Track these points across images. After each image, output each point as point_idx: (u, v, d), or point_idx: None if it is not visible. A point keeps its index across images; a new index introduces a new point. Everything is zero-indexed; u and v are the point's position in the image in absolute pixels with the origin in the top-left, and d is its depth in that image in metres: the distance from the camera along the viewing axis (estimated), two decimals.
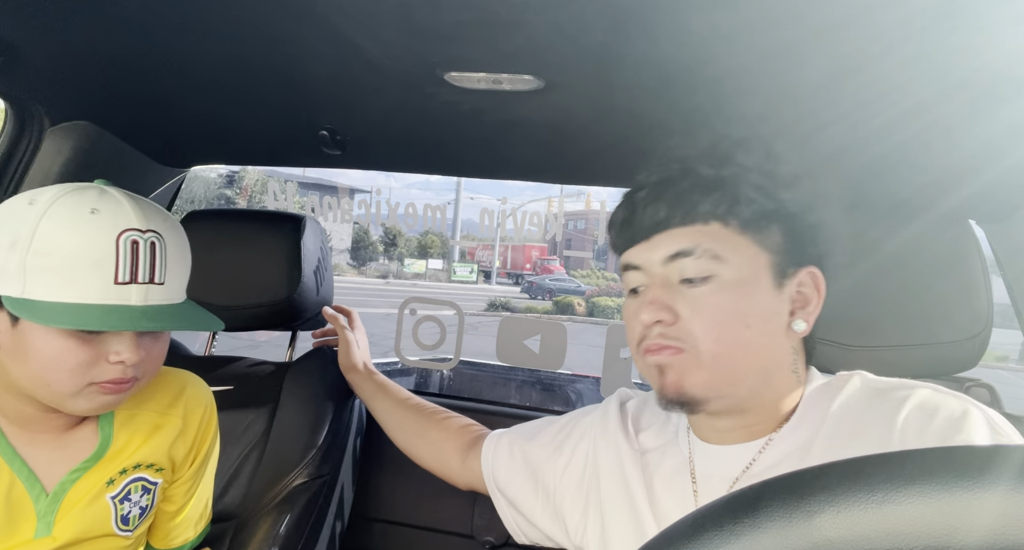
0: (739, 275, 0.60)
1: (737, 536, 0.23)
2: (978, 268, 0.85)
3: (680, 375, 0.61)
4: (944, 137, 0.81)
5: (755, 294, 0.60)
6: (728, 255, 0.60)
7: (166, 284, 0.64)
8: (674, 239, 0.61)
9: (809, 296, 0.62)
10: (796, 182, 0.62)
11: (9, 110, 1.02)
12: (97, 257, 0.60)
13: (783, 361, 0.63)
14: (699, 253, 0.60)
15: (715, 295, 0.60)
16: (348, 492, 1.21)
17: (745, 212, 0.60)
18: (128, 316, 0.61)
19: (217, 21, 0.72)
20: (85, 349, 0.62)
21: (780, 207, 0.61)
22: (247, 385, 1.17)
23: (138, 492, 0.74)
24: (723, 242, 0.60)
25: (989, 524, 0.21)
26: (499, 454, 0.88)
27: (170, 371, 0.81)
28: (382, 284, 20.39)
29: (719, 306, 0.59)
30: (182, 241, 0.68)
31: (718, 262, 0.60)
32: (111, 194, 0.63)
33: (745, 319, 0.59)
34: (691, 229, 0.61)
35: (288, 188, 1.63)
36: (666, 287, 0.62)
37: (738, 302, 0.59)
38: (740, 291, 0.60)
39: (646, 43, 0.67)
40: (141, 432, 0.75)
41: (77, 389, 0.63)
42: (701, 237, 0.60)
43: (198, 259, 1.22)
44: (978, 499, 0.21)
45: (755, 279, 0.60)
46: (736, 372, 0.60)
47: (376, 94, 0.89)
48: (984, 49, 0.61)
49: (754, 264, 0.60)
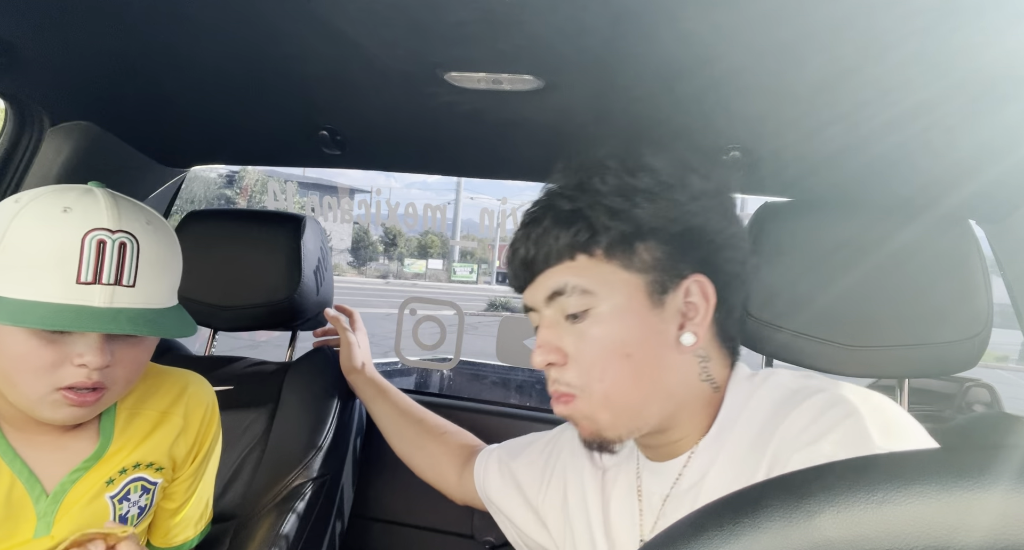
0: (613, 304, 0.60)
1: (737, 536, 0.23)
2: (978, 268, 0.85)
3: (586, 421, 0.62)
4: (944, 137, 0.81)
5: (632, 320, 0.60)
6: (597, 287, 0.60)
7: (137, 287, 0.61)
8: (548, 279, 0.62)
9: (698, 305, 0.61)
10: (660, 193, 0.60)
11: (9, 110, 1.02)
12: (60, 255, 0.58)
13: (685, 376, 0.62)
14: (569, 291, 0.60)
15: (594, 328, 0.60)
16: (348, 492, 1.21)
17: (604, 240, 0.60)
18: (87, 317, 0.58)
19: (217, 21, 0.72)
20: (49, 350, 0.60)
21: (642, 225, 0.60)
22: (247, 385, 1.17)
23: (137, 492, 0.74)
24: (590, 274, 0.60)
25: (989, 524, 0.21)
26: (490, 471, 0.89)
27: (173, 371, 0.81)
28: (382, 284, 20.39)
29: (599, 339, 0.60)
30: (164, 245, 0.65)
31: (590, 296, 0.60)
32: (94, 194, 0.62)
33: (625, 349, 0.59)
34: (560, 267, 0.61)
35: (288, 188, 1.63)
36: (553, 327, 0.63)
37: (616, 332, 0.60)
38: (617, 320, 0.60)
39: (646, 43, 0.67)
40: (142, 431, 0.75)
41: (42, 393, 0.62)
42: (569, 274, 0.61)
43: (198, 259, 1.23)
44: (978, 499, 0.21)
45: (629, 305, 0.60)
46: (633, 404, 0.60)
47: (376, 94, 0.89)
48: (985, 49, 0.61)
49: (626, 289, 0.60)
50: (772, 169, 0.99)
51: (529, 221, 0.65)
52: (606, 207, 0.60)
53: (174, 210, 1.48)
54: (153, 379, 0.78)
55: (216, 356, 1.30)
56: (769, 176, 1.02)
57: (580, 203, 0.61)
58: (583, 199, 0.61)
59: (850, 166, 0.94)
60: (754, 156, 0.94)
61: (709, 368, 0.63)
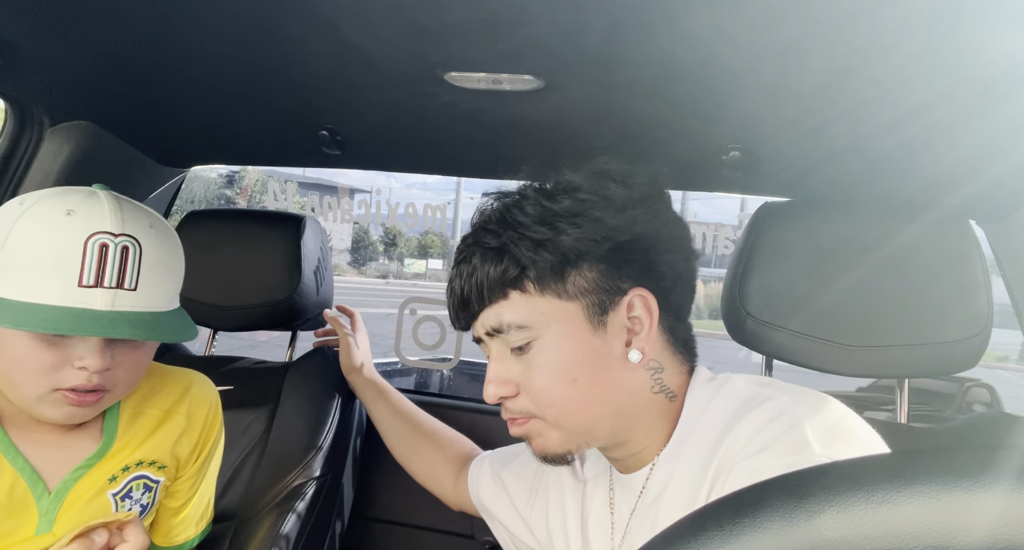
0: (553, 334, 0.60)
1: (737, 536, 0.23)
2: (978, 268, 0.85)
3: (538, 440, 0.63)
4: (944, 137, 0.81)
5: (573, 346, 0.60)
6: (534, 321, 0.60)
7: (139, 291, 0.62)
8: (486, 317, 0.63)
9: (642, 319, 0.61)
10: (582, 213, 0.60)
11: (9, 110, 1.02)
12: (61, 258, 0.58)
13: (636, 391, 0.62)
14: (506, 328, 0.61)
15: (538, 358, 0.60)
16: (348, 492, 1.21)
17: (533, 273, 0.60)
18: (87, 320, 0.58)
19: (217, 21, 0.72)
20: (50, 352, 0.61)
21: (568, 252, 0.59)
22: (247, 385, 1.17)
23: (139, 490, 0.74)
24: (525, 309, 0.60)
25: (989, 524, 0.21)
26: (483, 478, 0.89)
27: (177, 370, 0.81)
28: (382, 284, 20.39)
29: (542, 368, 0.60)
30: (166, 249, 0.65)
31: (527, 330, 0.60)
32: (97, 197, 0.62)
33: (569, 374, 0.60)
34: (495, 306, 0.62)
35: (288, 188, 1.63)
36: (500, 359, 0.63)
37: (559, 359, 0.60)
38: (557, 349, 0.60)
39: (646, 43, 0.67)
40: (145, 430, 0.75)
41: (42, 393, 0.62)
42: (505, 311, 0.61)
43: (198, 259, 1.23)
44: (978, 499, 0.21)
45: (569, 332, 0.60)
46: (583, 423, 0.61)
47: (376, 94, 0.89)
48: (986, 48, 0.60)
49: (564, 317, 0.60)
50: (772, 169, 0.99)
51: (460, 259, 0.65)
52: (530, 240, 0.60)
53: (174, 210, 1.48)
54: (157, 378, 0.78)
55: (216, 356, 1.30)
56: (769, 176, 1.02)
57: (504, 238, 0.61)
58: (506, 234, 0.61)
59: (850, 166, 0.94)
60: (754, 156, 0.94)
61: (663, 379, 0.62)
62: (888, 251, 0.86)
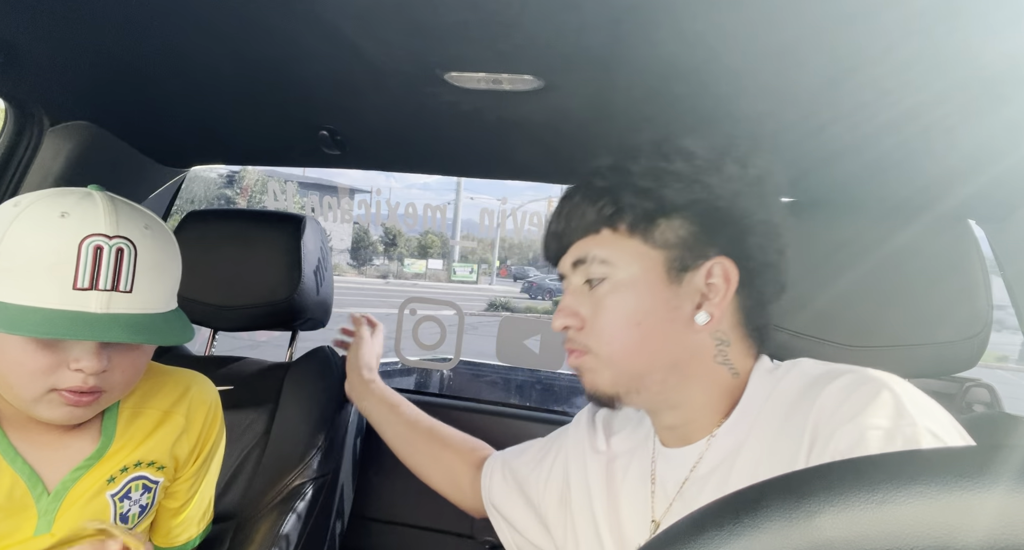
0: (628, 275, 0.63)
1: (737, 536, 0.23)
2: (978, 268, 0.85)
3: (590, 375, 0.65)
4: (944, 137, 0.81)
5: (646, 292, 0.62)
6: (616, 258, 0.63)
7: (134, 293, 0.61)
8: (575, 249, 0.67)
9: (719, 286, 0.62)
10: (691, 175, 0.62)
11: (9, 110, 1.02)
12: (56, 261, 0.58)
13: (697, 354, 0.63)
14: (590, 260, 0.64)
15: (609, 296, 0.63)
16: (348, 492, 1.22)
17: (628, 216, 0.63)
18: (82, 324, 0.58)
19: (217, 21, 0.72)
20: (45, 354, 0.60)
21: (667, 203, 0.62)
22: (247, 385, 1.17)
23: (138, 490, 0.74)
24: (611, 247, 0.64)
25: (989, 524, 0.21)
26: (494, 476, 0.89)
27: (177, 371, 0.81)
28: (382, 284, 20.39)
29: (612, 307, 0.63)
30: (162, 250, 0.65)
31: (608, 266, 0.63)
32: (93, 199, 0.62)
33: (635, 317, 0.62)
34: (586, 239, 0.66)
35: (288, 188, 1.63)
36: (575, 293, 0.67)
37: (628, 301, 0.63)
38: (630, 290, 0.63)
39: (646, 43, 0.67)
40: (144, 430, 0.75)
41: (38, 395, 0.62)
42: (592, 245, 0.65)
43: (198, 259, 1.23)
44: (978, 499, 0.21)
45: (645, 277, 0.62)
46: (635, 368, 0.63)
47: (376, 94, 0.89)
48: (984, 49, 0.61)
49: (643, 263, 0.63)
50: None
51: (564, 197, 0.69)
52: (634, 186, 0.63)
53: (174, 210, 1.48)
54: (156, 378, 0.78)
55: (216, 356, 1.30)
56: None
57: (610, 181, 0.65)
58: (613, 178, 0.65)
59: (850, 166, 0.94)
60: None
61: (728, 352, 0.63)
62: (888, 251, 0.86)
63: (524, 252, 34.23)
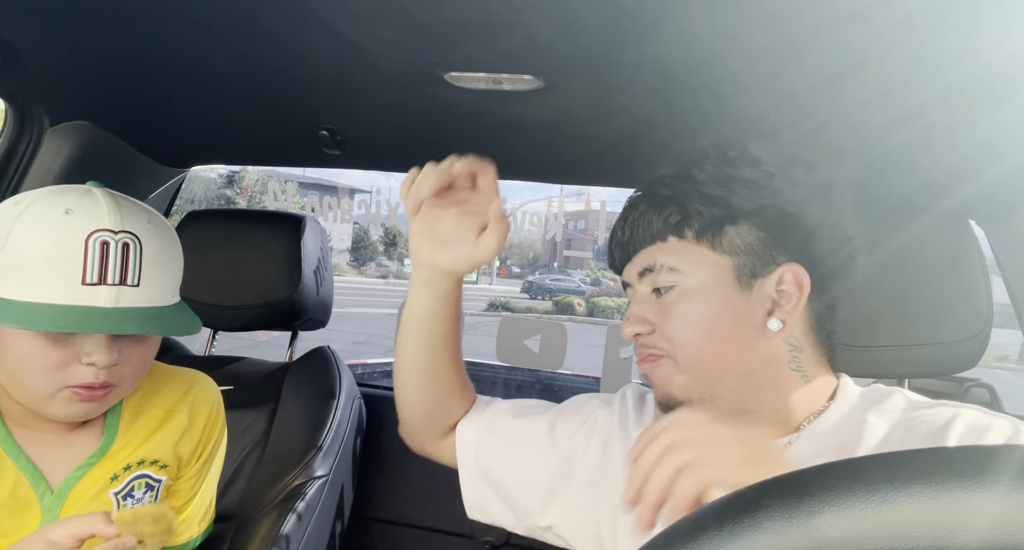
0: (699, 282, 0.62)
1: (737, 536, 0.23)
2: (978, 268, 0.85)
3: (663, 380, 0.64)
4: (944, 137, 0.81)
5: (717, 298, 0.62)
6: (685, 266, 0.63)
7: (141, 286, 0.62)
8: (641, 258, 0.66)
9: (790, 293, 0.62)
10: (759, 182, 0.62)
11: (9, 110, 1.02)
12: (63, 257, 0.59)
13: (771, 360, 0.62)
14: (658, 268, 0.64)
15: (679, 304, 0.62)
16: (348, 492, 1.21)
17: (695, 223, 0.62)
18: (94, 317, 0.59)
19: (217, 21, 0.72)
20: (57, 350, 0.61)
21: (734, 210, 0.61)
22: (247, 385, 1.17)
23: (141, 489, 0.74)
24: (679, 254, 0.63)
25: (989, 524, 0.21)
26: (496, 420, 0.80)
27: (179, 370, 0.81)
28: (382, 284, 20.38)
29: (683, 313, 0.62)
30: (165, 244, 0.66)
31: (677, 273, 0.63)
32: (94, 195, 0.63)
33: (707, 322, 0.61)
34: (653, 248, 0.65)
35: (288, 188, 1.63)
36: (643, 301, 0.66)
37: (700, 308, 0.62)
38: (701, 297, 0.62)
39: (646, 43, 0.67)
40: (146, 428, 0.75)
41: (51, 391, 0.62)
42: (659, 253, 0.64)
43: (198, 259, 1.22)
44: (978, 499, 0.21)
45: (716, 284, 0.62)
46: (710, 373, 0.62)
47: (376, 94, 0.89)
48: (984, 49, 0.61)
49: (713, 270, 0.62)
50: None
51: (628, 205, 0.68)
52: (700, 194, 0.62)
53: (174, 210, 1.48)
54: (159, 378, 0.78)
55: (216, 356, 1.30)
56: None
57: (676, 189, 0.64)
58: (679, 186, 0.64)
59: (850, 166, 0.94)
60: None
61: (800, 359, 0.63)
62: (888, 251, 0.86)
63: (524, 252, 34.17)
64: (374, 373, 2.28)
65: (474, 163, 0.70)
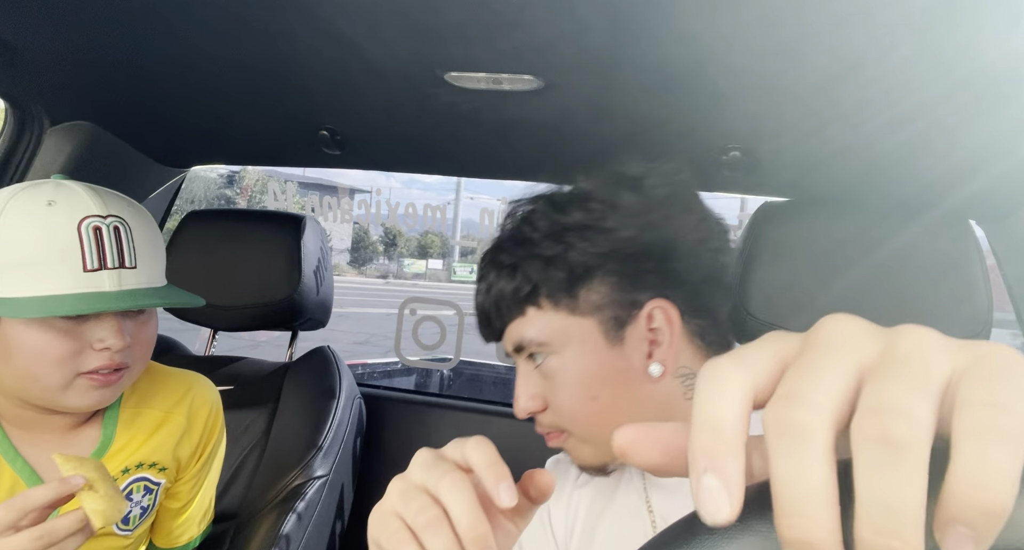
0: (570, 351, 0.60)
1: (729, 539, 0.22)
2: (978, 268, 0.85)
3: (574, 453, 0.63)
4: (945, 137, 0.81)
5: (591, 363, 0.59)
6: (551, 338, 0.60)
7: (138, 267, 0.64)
8: (510, 335, 0.63)
9: (662, 330, 0.59)
10: (592, 225, 0.59)
11: (9, 110, 1.02)
12: (61, 247, 0.59)
13: (664, 402, 0.59)
14: (527, 344, 0.62)
15: (559, 375, 0.60)
16: (348, 492, 1.21)
17: (544, 290, 0.60)
18: (103, 301, 0.60)
19: (217, 21, 0.72)
20: (68, 339, 0.61)
21: (577, 268, 0.59)
22: (247, 385, 1.17)
23: (140, 492, 0.74)
24: (542, 326, 0.61)
25: None
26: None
27: (177, 371, 0.81)
28: (382, 284, 20.39)
29: (565, 385, 0.60)
30: (148, 224, 0.67)
31: (547, 346, 0.60)
32: (67, 186, 0.63)
33: (589, 391, 0.59)
34: (516, 322, 0.63)
35: (288, 188, 1.63)
36: (527, 375, 0.64)
37: (578, 377, 0.59)
38: (576, 366, 0.60)
39: (646, 43, 0.67)
40: (144, 430, 0.75)
41: (66, 381, 0.63)
42: (524, 328, 0.62)
43: (199, 259, 1.22)
44: None
45: (585, 349, 0.59)
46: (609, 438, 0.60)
47: (376, 94, 0.89)
48: (986, 48, 0.60)
49: (579, 334, 0.59)
50: (772, 169, 0.99)
51: (479, 277, 0.66)
52: (539, 257, 0.60)
53: (174, 210, 1.48)
54: (158, 379, 0.78)
55: (216, 356, 1.30)
56: (769, 176, 1.02)
57: (516, 257, 0.62)
58: (518, 252, 0.62)
59: (850, 166, 0.94)
60: (754, 156, 0.94)
61: (692, 387, 0.60)
62: (888, 251, 0.86)
63: None
64: (374, 373, 2.28)
65: None
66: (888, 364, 0.19)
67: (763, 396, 0.20)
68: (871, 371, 0.19)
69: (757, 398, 0.20)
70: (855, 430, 0.18)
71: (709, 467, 0.19)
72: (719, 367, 0.20)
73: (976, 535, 0.16)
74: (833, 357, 0.19)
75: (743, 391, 0.20)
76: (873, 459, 0.17)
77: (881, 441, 0.17)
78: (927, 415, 0.17)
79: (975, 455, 0.16)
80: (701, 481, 0.19)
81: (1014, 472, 0.16)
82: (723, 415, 0.19)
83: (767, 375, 0.20)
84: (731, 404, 0.19)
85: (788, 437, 0.18)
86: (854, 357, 0.19)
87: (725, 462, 0.19)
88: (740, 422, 0.19)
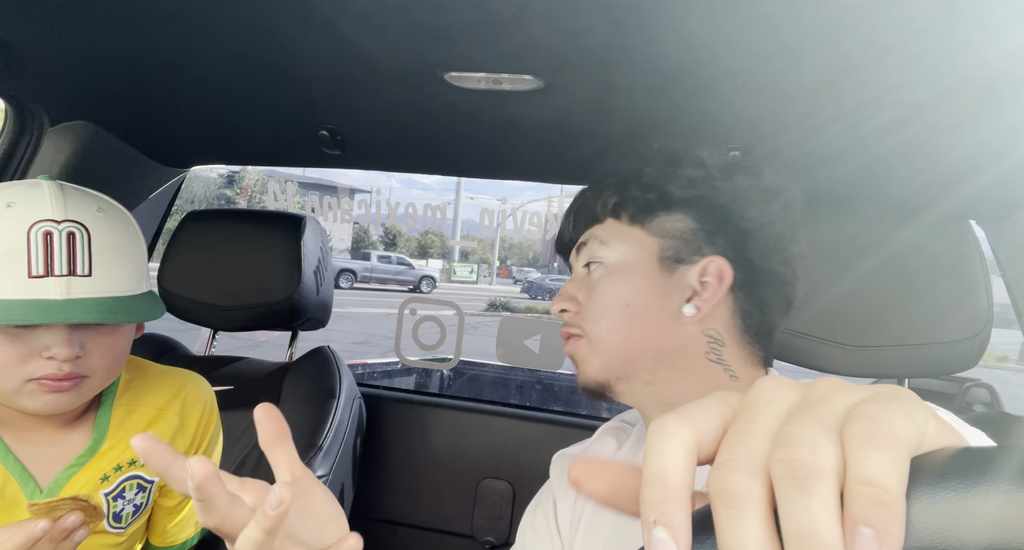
0: (622, 258, 0.65)
1: None
2: (978, 268, 0.85)
3: (582, 362, 0.66)
4: (944, 137, 0.81)
5: (637, 276, 0.63)
6: (613, 242, 0.65)
7: (95, 277, 0.61)
8: (581, 236, 0.70)
9: (711, 285, 0.62)
10: (699, 178, 0.64)
11: (9, 110, 1.02)
12: (5, 251, 0.58)
13: (685, 347, 0.62)
14: (590, 242, 0.67)
15: (603, 279, 0.65)
16: (348, 492, 1.21)
17: (631, 207, 0.65)
18: (43, 309, 0.58)
19: (217, 21, 0.72)
20: (14, 345, 0.60)
21: (669, 197, 0.64)
22: (247, 385, 1.17)
23: (132, 490, 0.74)
24: (611, 232, 0.66)
25: (988, 525, 0.21)
26: None
27: (171, 370, 0.81)
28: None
29: (604, 290, 0.64)
30: (120, 232, 0.64)
31: (605, 248, 0.66)
32: (40, 187, 0.62)
33: (624, 299, 0.63)
34: (592, 229, 0.68)
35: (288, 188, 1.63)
36: (576, 280, 0.69)
37: (619, 284, 0.64)
38: (623, 274, 0.64)
39: (646, 43, 0.67)
40: (137, 428, 0.74)
41: (16, 386, 0.61)
42: (595, 230, 0.68)
43: (199, 259, 1.22)
44: (977, 499, 0.21)
45: (638, 263, 0.64)
46: (621, 353, 0.63)
47: (376, 94, 0.89)
48: (984, 49, 0.60)
49: (639, 249, 0.64)
50: (772, 169, 0.99)
51: (577, 195, 0.72)
52: (640, 181, 0.65)
53: (174, 210, 1.48)
54: (151, 377, 0.78)
55: (216, 356, 1.30)
56: None
57: (619, 177, 0.68)
58: (622, 174, 0.68)
59: (850, 166, 0.94)
60: (754, 156, 0.94)
61: (722, 352, 0.62)
62: (888, 251, 0.86)
63: (524, 252, 34.19)
64: (374, 373, 2.28)
65: None
66: (796, 409, 0.22)
67: (706, 452, 0.22)
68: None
69: (701, 453, 0.22)
70: (771, 468, 0.20)
71: (659, 519, 0.21)
72: (666, 424, 0.22)
73: (877, 534, 0.18)
74: (762, 419, 0.22)
75: (687, 447, 0.22)
76: (786, 492, 0.19)
77: (790, 474, 0.19)
78: (828, 446, 0.20)
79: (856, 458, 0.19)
80: (652, 532, 0.21)
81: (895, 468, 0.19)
82: (670, 470, 0.21)
83: (710, 432, 0.22)
84: (677, 459, 0.22)
85: (728, 506, 0.20)
86: (778, 415, 0.22)
87: (673, 515, 0.21)
88: (686, 476, 0.21)
